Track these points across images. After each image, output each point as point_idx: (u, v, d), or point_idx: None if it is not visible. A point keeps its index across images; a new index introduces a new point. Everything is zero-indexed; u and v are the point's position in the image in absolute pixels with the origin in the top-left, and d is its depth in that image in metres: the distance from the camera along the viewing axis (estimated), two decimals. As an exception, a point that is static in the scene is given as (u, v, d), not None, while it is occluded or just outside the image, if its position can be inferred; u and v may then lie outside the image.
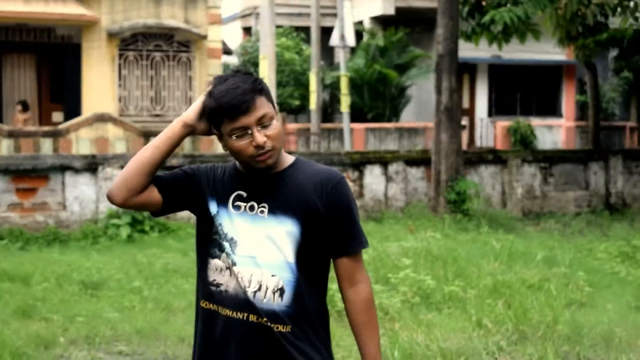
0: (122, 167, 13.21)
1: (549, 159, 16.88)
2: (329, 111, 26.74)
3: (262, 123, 2.89)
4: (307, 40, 26.17)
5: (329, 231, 2.99)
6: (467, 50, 20.99)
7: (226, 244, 2.98)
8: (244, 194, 3.00)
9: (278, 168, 3.00)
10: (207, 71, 22.57)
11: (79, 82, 21.78)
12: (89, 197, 13.12)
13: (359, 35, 26.66)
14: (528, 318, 7.40)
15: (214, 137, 3.01)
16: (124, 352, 6.82)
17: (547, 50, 26.04)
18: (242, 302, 2.93)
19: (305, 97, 24.81)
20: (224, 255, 2.98)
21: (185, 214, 13.62)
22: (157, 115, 22.14)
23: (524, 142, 25.76)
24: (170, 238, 12.26)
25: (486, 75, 28.49)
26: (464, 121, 25.07)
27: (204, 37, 22.31)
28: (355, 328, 3.03)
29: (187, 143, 20.92)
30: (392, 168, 15.32)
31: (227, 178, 3.06)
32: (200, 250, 3.10)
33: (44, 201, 13.00)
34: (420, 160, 15.67)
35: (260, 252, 2.94)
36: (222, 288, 2.97)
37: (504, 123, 26.77)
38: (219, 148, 20.48)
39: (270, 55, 16.99)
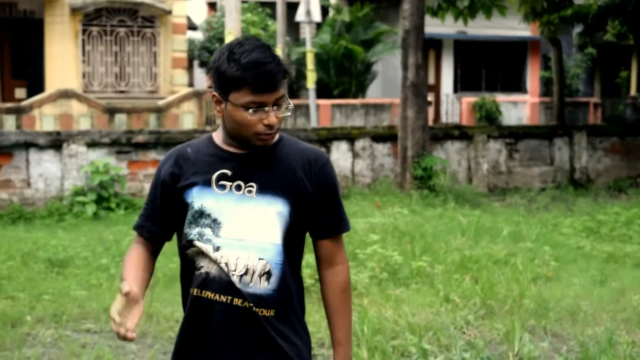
0: (87, 144, 13.14)
1: (515, 135, 16.97)
2: (294, 87, 26.67)
3: (279, 103, 2.79)
4: (273, 16, 26.04)
5: (315, 212, 2.91)
6: (432, 26, 21.00)
7: (207, 229, 2.83)
8: (229, 173, 2.85)
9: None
10: (171, 47, 22.41)
11: (42, 58, 21.53)
12: (53, 174, 12.99)
13: (324, 10, 26.55)
14: (495, 293, 7.46)
15: (180, 113, 2.90)
16: (91, 329, 6.78)
17: (512, 26, 26.13)
18: (226, 285, 2.82)
19: (271, 73, 24.68)
20: (205, 238, 2.84)
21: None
22: (122, 92, 21.96)
23: (489, 118, 25.88)
24: (136, 215, 12.10)
25: (452, 51, 28.53)
26: (430, 97, 25.12)
27: (169, 12, 22.12)
28: (329, 310, 2.98)
29: (152, 119, 20.78)
30: (359, 144, 15.33)
31: (205, 156, 2.90)
32: (179, 236, 2.97)
33: (7, 178, 12.86)
34: (386, 136, 15.69)
35: (248, 234, 2.81)
36: (203, 271, 2.85)
37: (469, 99, 26.87)
38: (185, 124, 20.35)
39: (235, 30, 16.84)
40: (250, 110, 2.74)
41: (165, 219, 2.96)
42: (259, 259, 2.81)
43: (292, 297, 2.90)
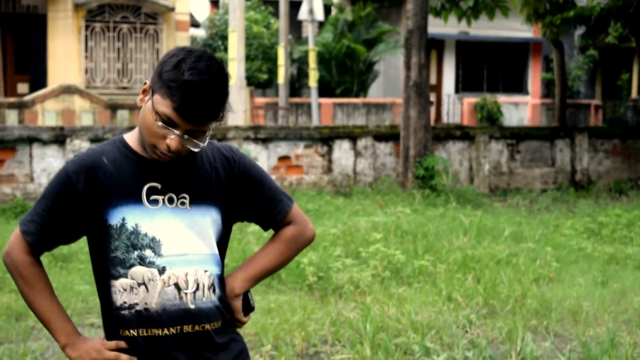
0: (90, 139, 13.15)
1: (516, 136, 17.00)
2: (297, 86, 26.70)
3: (195, 135, 2.52)
4: (276, 14, 26.08)
5: (254, 208, 2.80)
6: (434, 27, 21.03)
7: (147, 250, 2.57)
8: (158, 186, 2.61)
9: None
10: (174, 43, 22.41)
11: (45, 54, 21.55)
12: (56, 169, 13.00)
13: (327, 9, 26.60)
14: (497, 292, 7.49)
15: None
16: (95, 324, 6.80)
17: (514, 28, 26.17)
18: (173, 314, 2.60)
19: (273, 71, 24.75)
20: (148, 261, 2.57)
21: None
22: (124, 88, 21.98)
23: (490, 119, 25.92)
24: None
25: (454, 52, 28.56)
26: (432, 97, 25.16)
27: (172, 9, 22.14)
28: (276, 241, 2.84)
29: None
30: (361, 143, 15.36)
31: (125, 167, 2.61)
32: (100, 273, 2.65)
33: (11, 173, 12.89)
34: (389, 135, 15.72)
35: (190, 247, 2.62)
36: (140, 308, 2.58)
37: (470, 99, 26.90)
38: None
39: (239, 28, 16.88)
40: (159, 123, 2.47)
41: (64, 236, 2.67)
42: (205, 270, 2.65)
43: (225, 302, 2.74)
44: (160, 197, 2.60)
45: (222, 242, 2.76)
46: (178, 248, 2.60)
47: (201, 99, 2.44)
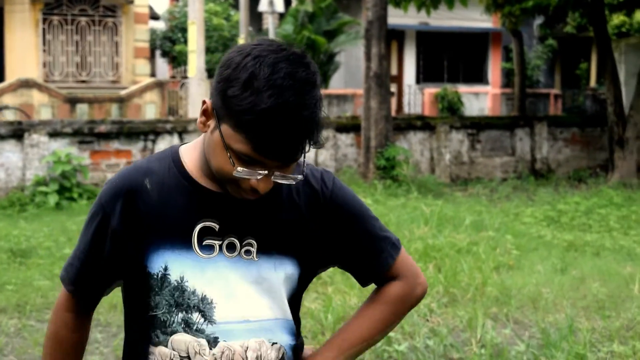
0: (49, 134, 13.01)
1: (476, 126, 17.10)
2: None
3: (283, 170, 1.86)
4: (236, 6, 25.98)
5: (343, 258, 2.09)
6: (395, 17, 21.07)
7: (195, 313, 1.94)
8: (215, 226, 1.94)
9: None
10: (133, 36, 22.27)
11: (2, 47, 21.29)
12: (14, 164, 12.88)
13: (287, 1, 26.54)
14: (458, 281, 7.54)
15: (142, 104, 2.24)
16: (55, 319, 6.74)
17: (474, 18, 26.30)
18: None
19: (234, 64, 24.64)
20: (196, 329, 1.95)
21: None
22: (83, 82, 21.79)
23: (451, 109, 26.06)
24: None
25: (414, 43, 28.65)
26: (392, 88, 25.23)
27: (131, 2, 21.98)
28: (377, 302, 2.13)
29: (114, 109, 20.63)
30: (323, 134, 15.34)
31: (176, 197, 1.96)
32: (133, 334, 2.05)
33: (-32, 168, 12.73)
34: (350, 126, 15.74)
35: (253, 311, 1.97)
36: None
37: (431, 90, 27.02)
38: (147, 114, 20.23)
39: (198, 20, 16.78)
40: (240, 169, 1.81)
41: (109, 278, 2.06)
42: (272, 343, 2.00)
43: None
44: (216, 242, 1.94)
45: (295, 300, 2.08)
46: (237, 312, 1.95)
47: (290, 130, 1.76)
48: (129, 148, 13.60)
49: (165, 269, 1.93)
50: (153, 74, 26.21)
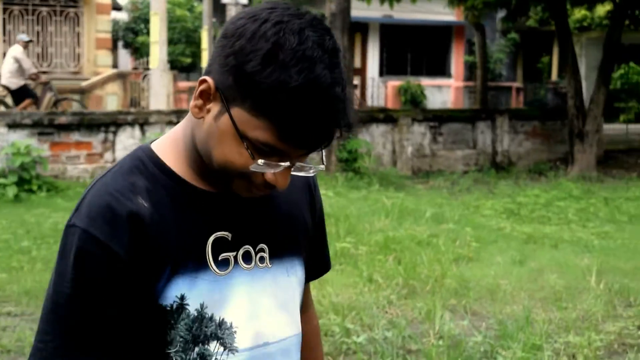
0: (8, 125, 12.85)
1: (438, 119, 17.18)
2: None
3: (302, 159, 1.54)
4: (199, -3, 25.84)
5: (312, 252, 1.85)
6: (358, 10, 21.10)
7: (213, 342, 1.59)
8: (228, 235, 1.61)
9: None
10: (95, 27, 22.09)
11: (-39, 37, 21.02)
12: (-27, 155, 12.74)
13: (251, -8, 26.43)
14: (417, 273, 7.58)
15: (103, 95, 1.93)
16: (12, 312, 6.69)
17: (437, 11, 26.40)
18: None
19: (197, 55, 24.56)
20: None
21: (74, 172, 13.43)
22: (44, 72, 21.56)
23: (414, 102, 26.17)
24: (59, 197, 12.02)
25: (378, 35, 28.72)
26: (356, 81, 25.27)
27: (92, -8, 21.79)
28: (318, 337, 2.00)
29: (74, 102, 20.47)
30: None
31: (179, 210, 1.58)
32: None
33: None
34: (312, 119, 15.71)
35: (274, 331, 1.68)
36: None
37: (394, 83, 27.10)
38: (108, 105, 20.08)
39: (161, 11, 16.68)
40: (260, 162, 1.48)
41: (130, 345, 1.57)
42: None
43: None
44: (231, 255, 1.61)
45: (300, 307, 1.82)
46: (258, 336, 1.64)
47: (324, 111, 1.44)
48: (89, 140, 13.50)
49: (182, 298, 1.55)
50: (115, 65, 26.04)
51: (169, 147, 1.62)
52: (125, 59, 28.86)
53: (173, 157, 1.61)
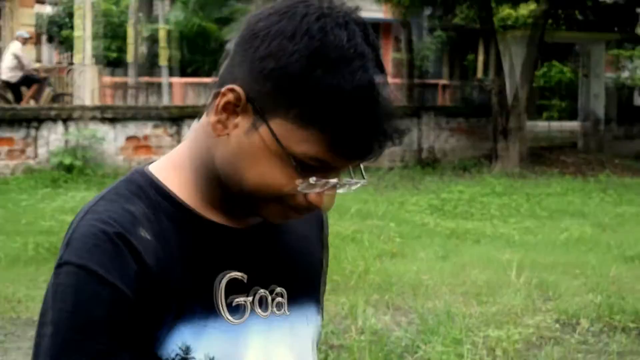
0: None
1: (365, 115, 17.24)
2: (148, 65, 26.28)
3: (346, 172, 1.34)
4: (125, -9, 25.55)
5: None
6: (286, 6, 21.08)
7: None
8: (243, 277, 1.34)
9: None
10: (18, 21, 21.68)
11: None
12: None
13: (179, -13, 26.25)
14: (342, 268, 7.62)
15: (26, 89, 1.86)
16: None
17: (365, 8, 26.46)
18: None
19: (123, 50, 24.25)
20: None
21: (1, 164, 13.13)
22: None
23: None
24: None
25: (306, 32, 28.72)
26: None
27: (15, -15, 21.39)
28: None
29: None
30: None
31: (184, 248, 1.30)
32: None
33: None
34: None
35: None
36: None
37: (323, 79, 27.15)
38: (31, 101, 19.73)
39: (86, 5, 16.46)
40: (312, 180, 1.25)
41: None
42: None
43: None
44: (244, 300, 1.34)
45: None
46: None
47: (379, 117, 1.24)
48: (11, 135, 13.25)
49: (186, 350, 1.28)
50: (39, 60, 25.59)
51: (172, 171, 1.36)
52: (50, 53, 28.37)
53: (177, 183, 1.34)
